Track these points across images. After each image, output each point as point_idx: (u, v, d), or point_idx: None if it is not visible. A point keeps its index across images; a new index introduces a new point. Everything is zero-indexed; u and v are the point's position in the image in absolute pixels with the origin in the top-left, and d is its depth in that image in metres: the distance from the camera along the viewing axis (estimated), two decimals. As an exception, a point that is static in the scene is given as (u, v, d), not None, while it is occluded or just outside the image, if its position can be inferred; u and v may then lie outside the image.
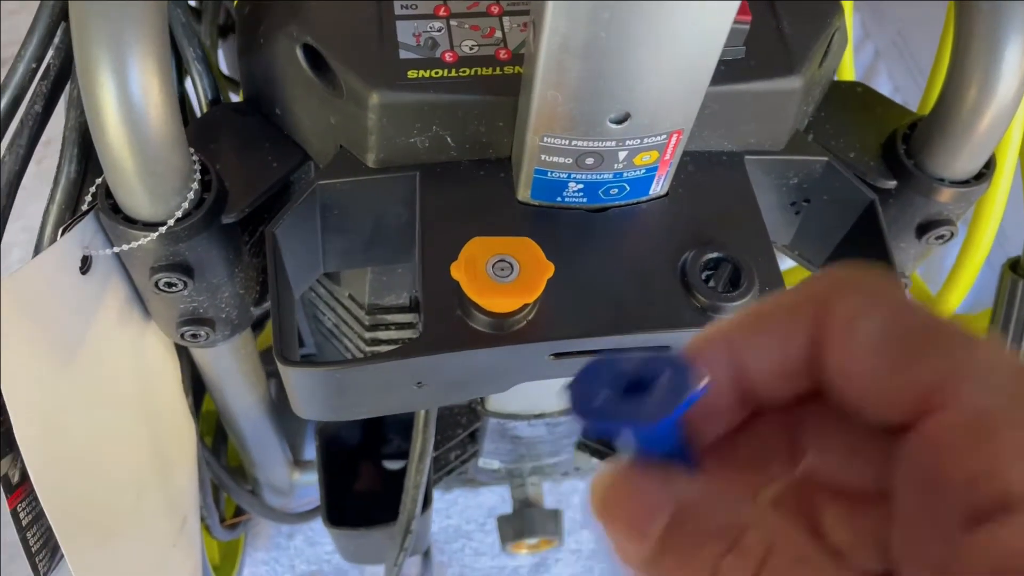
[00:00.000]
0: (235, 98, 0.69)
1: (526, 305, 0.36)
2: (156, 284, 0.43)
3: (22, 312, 0.39)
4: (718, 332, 0.22)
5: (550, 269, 0.35)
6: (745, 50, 0.40)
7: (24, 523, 0.43)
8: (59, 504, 0.43)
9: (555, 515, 0.79)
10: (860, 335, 0.19)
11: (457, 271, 0.35)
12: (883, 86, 1.27)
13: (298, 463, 0.83)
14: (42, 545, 0.45)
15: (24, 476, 0.42)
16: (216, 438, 0.79)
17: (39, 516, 0.44)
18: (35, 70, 0.44)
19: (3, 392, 0.39)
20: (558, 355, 0.38)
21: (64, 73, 0.44)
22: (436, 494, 0.80)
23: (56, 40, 0.43)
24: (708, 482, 0.21)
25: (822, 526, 0.22)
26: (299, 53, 0.40)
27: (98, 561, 0.48)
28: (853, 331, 0.19)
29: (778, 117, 0.42)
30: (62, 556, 0.46)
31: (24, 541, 0.43)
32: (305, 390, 0.39)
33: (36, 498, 0.42)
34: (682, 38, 0.31)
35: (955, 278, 0.60)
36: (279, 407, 0.69)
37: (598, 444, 0.75)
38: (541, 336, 0.37)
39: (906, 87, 1.26)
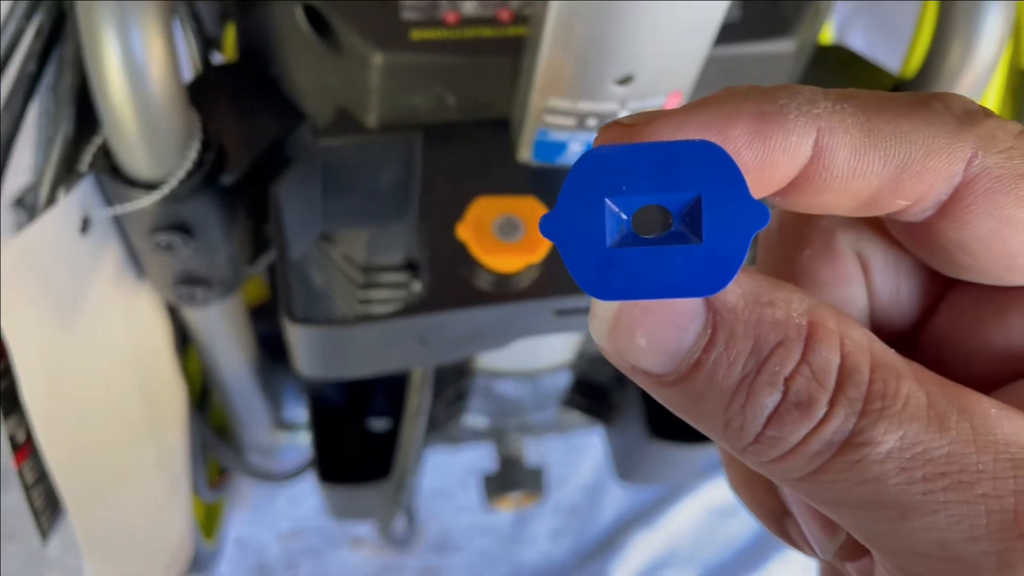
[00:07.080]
0: (217, 57, 0.68)
1: (531, 264, 0.37)
2: (155, 244, 0.43)
3: (26, 273, 0.39)
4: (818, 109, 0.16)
5: (555, 228, 0.36)
6: (742, 14, 0.41)
7: (29, 483, 0.43)
8: (62, 462, 0.44)
9: (537, 472, 0.80)
10: None
11: (464, 230, 0.36)
12: (857, 43, 1.28)
13: (280, 424, 0.83)
14: (45, 504, 0.45)
15: (28, 436, 0.42)
16: (200, 400, 0.79)
17: (42, 476, 0.44)
18: (24, 30, 0.43)
19: (10, 352, 0.39)
20: (561, 312, 0.39)
21: (55, 33, 0.44)
22: (419, 452, 0.81)
23: (46, -2, 0.43)
24: (753, 278, 0.15)
25: None
26: (299, 13, 0.40)
27: (98, 518, 0.49)
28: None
29: (771, 79, 0.43)
30: (61, 516, 0.46)
31: (29, 500, 0.43)
32: (310, 347, 0.40)
33: (39, 458, 0.43)
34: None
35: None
36: (264, 367, 0.69)
37: (583, 399, 0.77)
38: (545, 293, 0.38)
39: (879, 44, 1.28)
